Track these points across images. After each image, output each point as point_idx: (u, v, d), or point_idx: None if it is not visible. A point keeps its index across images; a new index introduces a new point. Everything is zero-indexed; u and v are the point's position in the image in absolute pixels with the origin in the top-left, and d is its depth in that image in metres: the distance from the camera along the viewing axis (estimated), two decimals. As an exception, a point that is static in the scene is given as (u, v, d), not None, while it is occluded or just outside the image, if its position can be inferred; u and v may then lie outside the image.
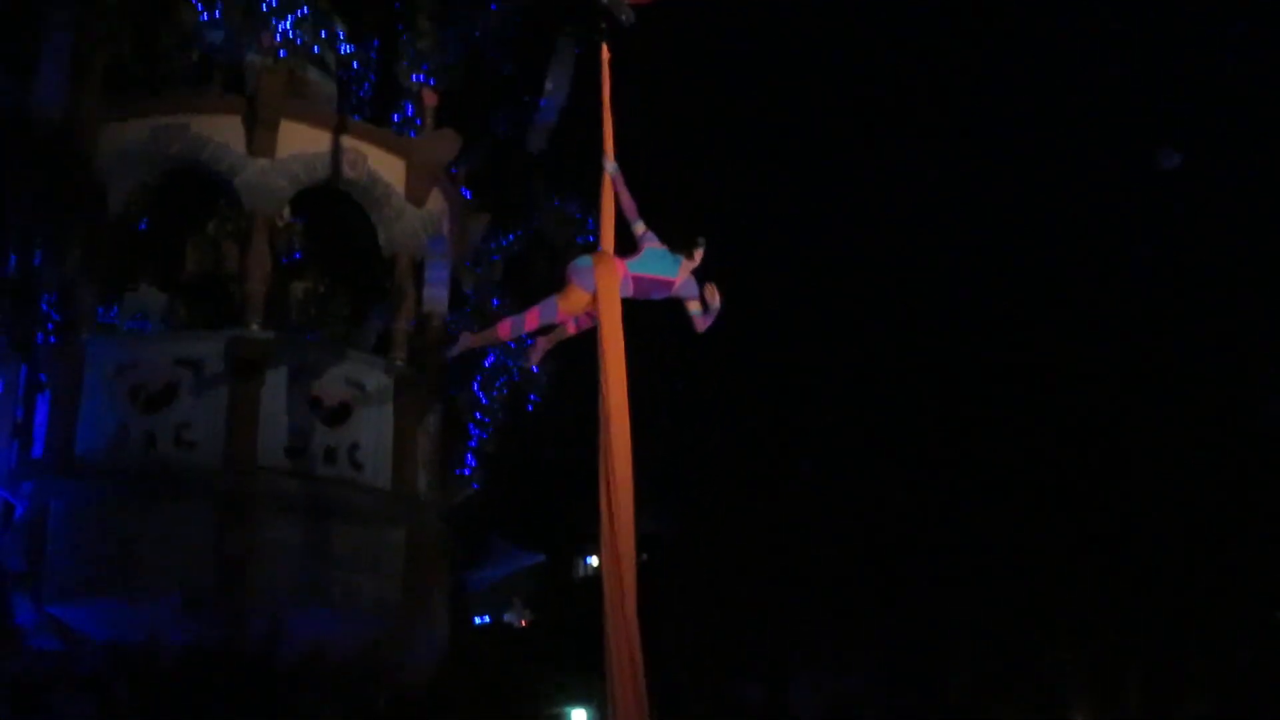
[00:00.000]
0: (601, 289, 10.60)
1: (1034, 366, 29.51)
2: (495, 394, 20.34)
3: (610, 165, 11.04)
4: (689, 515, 29.98)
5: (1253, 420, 28.69)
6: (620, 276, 10.72)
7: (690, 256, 10.97)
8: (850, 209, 29.98)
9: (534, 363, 12.07)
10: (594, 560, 30.78)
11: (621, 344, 10.52)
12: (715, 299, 10.96)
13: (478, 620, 28.54)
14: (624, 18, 15.94)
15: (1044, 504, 28.73)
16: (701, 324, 11.10)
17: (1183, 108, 27.53)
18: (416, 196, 17.74)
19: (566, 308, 10.83)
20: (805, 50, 29.14)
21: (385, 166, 17.59)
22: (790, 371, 30.36)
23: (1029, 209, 29.21)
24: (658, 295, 11.02)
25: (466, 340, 11.58)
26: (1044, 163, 29.04)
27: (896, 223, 29.92)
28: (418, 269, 17.89)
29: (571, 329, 11.14)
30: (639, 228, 10.99)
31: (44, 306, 16.75)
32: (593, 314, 10.75)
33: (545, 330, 11.23)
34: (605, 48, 11.74)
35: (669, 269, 10.93)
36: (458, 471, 19.28)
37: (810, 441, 30.24)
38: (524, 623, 30.56)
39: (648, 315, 11.51)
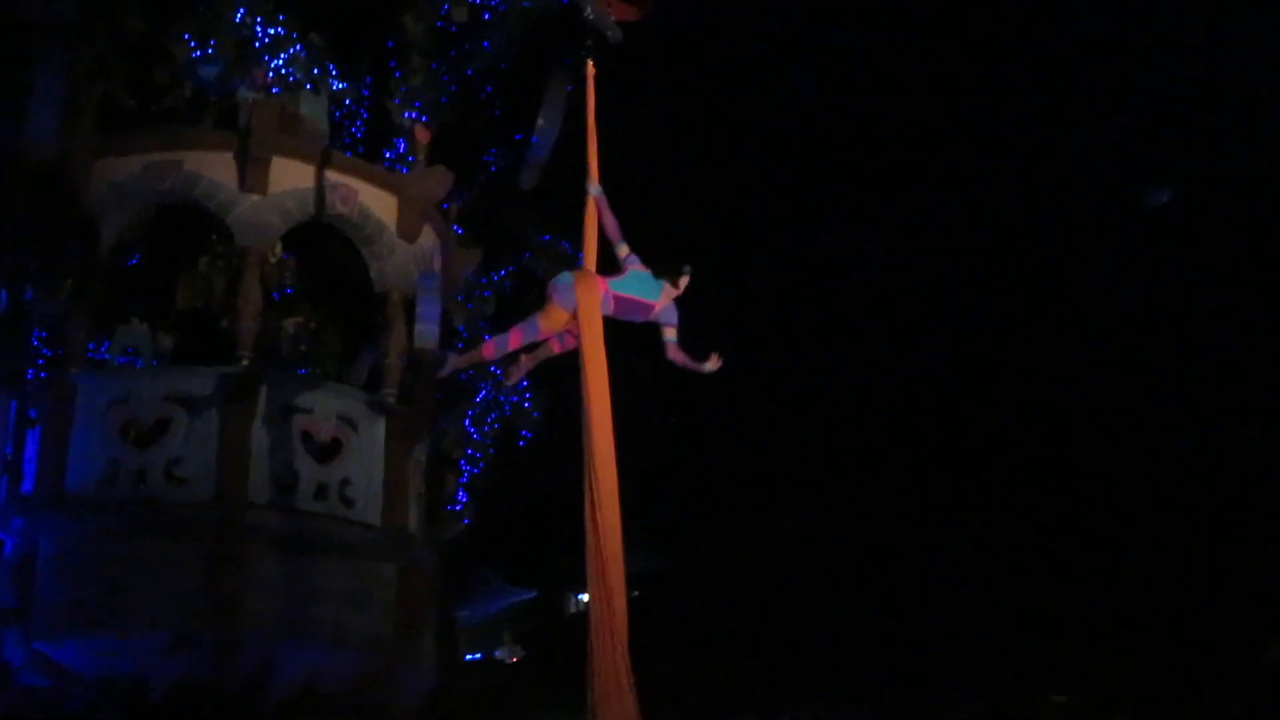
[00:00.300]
0: (582, 306, 10.57)
1: (1028, 409, 29.55)
2: (486, 429, 20.35)
3: (594, 187, 11.06)
4: (681, 551, 29.94)
5: (1239, 462, 28.72)
6: (601, 294, 10.70)
7: (675, 284, 10.98)
8: (842, 238, 30.04)
9: (514, 380, 11.93)
10: (585, 596, 30.56)
11: (603, 360, 10.49)
12: (714, 364, 10.95)
13: (468, 657, 28.46)
14: (610, 34, 16.00)
15: (1036, 548, 28.71)
16: (673, 353, 11.02)
17: (1173, 145, 27.63)
18: (408, 232, 17.76)
19: (547, 326, 10.81)
20: (795, 78, 29.23)
21: (377, 202, 17.61)
22: (783, 406, 30.38)
23: (1020, 237, 29.25)
24: (638, 318, 10.98)
25: (453, 362, 11.64)
26: (1037, 192, 29.08)
27: (887, 250, 29.97)
28: (409, 305, 17.91)
29: (556, 348, 11.07)
30: (622, 250, 10.99)
31: (34, 341, 16.74)
32: (575, 333, 10.71)
33: (529, 349, 11.19)
34: (591, 64, 11.72)
35: (651, 292, 10.93)
36: (448, 507, 19.26)
37: (802, 476, 30.22)
38: (515, 659, 30.46)
39: (637, 350, 11.53)
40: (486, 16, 19.07)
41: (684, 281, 11.00)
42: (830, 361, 29.89)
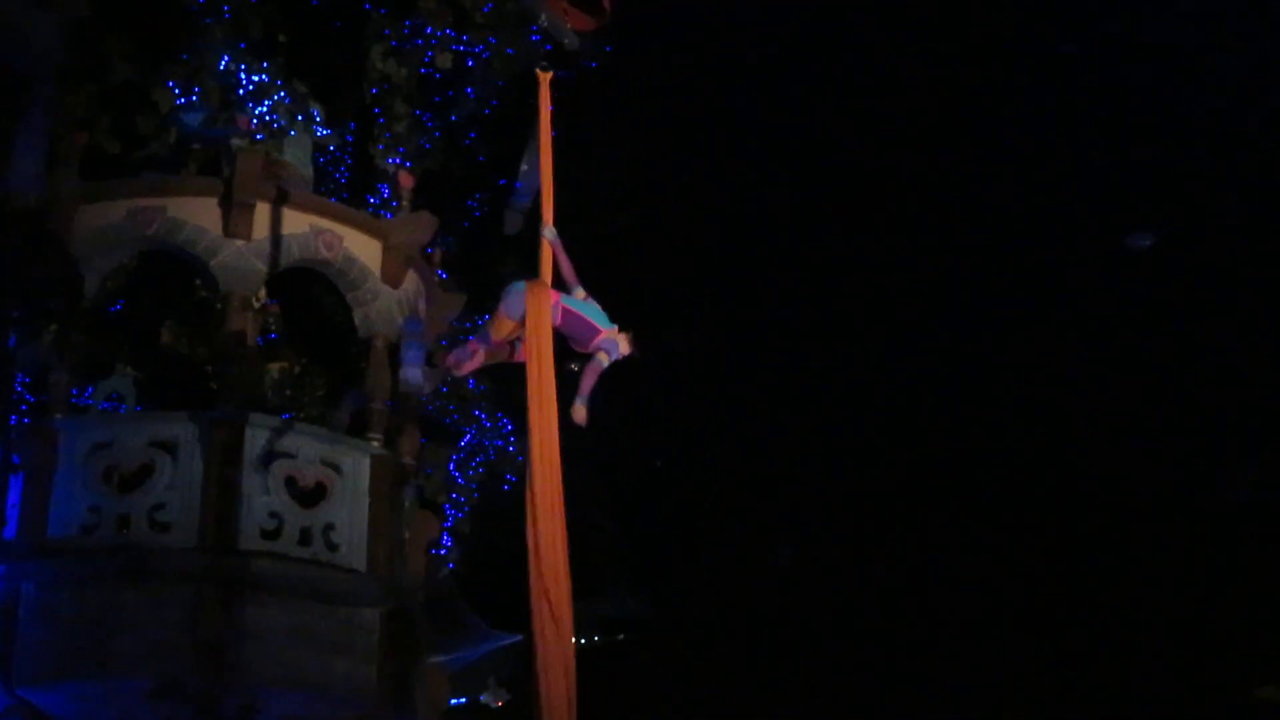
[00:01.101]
0: (531, 311, 10.54)
1: (1017, 459, 29.58)
2: (471, 474, 20.37)
3: (549, 231, 11.04)
4: (667, 595, 29.91)
5: (1232, 499, 28.78)
6: (552, 303, 10.70)
7: (626, 340, 10.96)
8: (825, 271, 30.03)
9: (464, 370, 11.84)
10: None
11: (550, 366, 10.39)
12: (627, 349, 10.94)
13: (454, 701, 28.33)
14: (567, 41, 16.05)
15: (1028, 594, 28.77)
16: (594, 368, 10.89)
17: (1156, 188, 27.73)
18: (392, 278, 17.78)
19: (495, 334, 10.88)
20: (766, 120, 29.26)
21: (361, 248, 17.63)
22: (767, 448, 30.37)
23: (1016, 253, 29.25)
24: (583, 338, 10.93)
25: (418, 375, 11.70)
26: (1032, 203, 29.04)
27: (876, 278, 29.97)
28: (393, 350, 17.93)
29: (510, 356, 11.03)
30: (579, 294, 11.02)
31: (18, 387, 16.74)
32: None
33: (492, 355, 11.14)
34: (543, 74, 11.64)
35: (602, 321, 10.94)
36: (433, 552, 19.25)
37: (789, 518, 30.22)
38: (500, 703, 30.32)
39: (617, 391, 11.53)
40: (470, 64, 19.20)
41: (627, 343, 10.95)
42: (819, 404, 29.89)
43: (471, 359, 11.28)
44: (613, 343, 10.97)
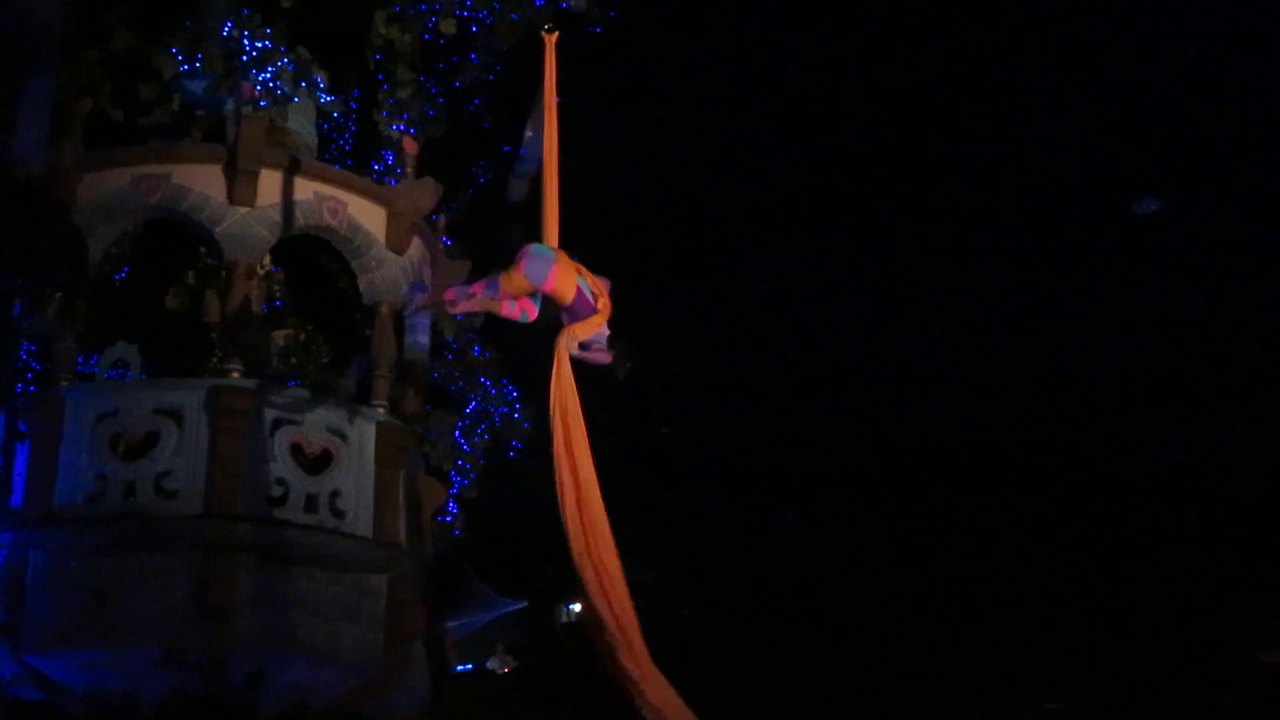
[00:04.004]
0: (560, 281, 10.40)
1: (1022, 428, 29.60)
2: (476, 440, 20.37)
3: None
4: (677, 563, 29.96)
5: (1235, 466, 28.81)
6: (575, 279, 10.54)
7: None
8: (830, 258, 30.06)
9: (457, 309, 11.66)
10: (576, 606, 30.75)
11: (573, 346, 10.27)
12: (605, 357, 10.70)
13: (460, 668, 28.45)
14: (573, 4, 15.93)
15: (1032, 560, 28.78)
16: (597, 353, 10.66)
17: (1164, 148, 27.67)
18: (397, 245, 17.76)
19: (507, 289, 10.60)
20: (772, 88, 29.23)
21: (366, 215, 17.60)
22: (775, 417, 30.40)
23: (1002, 251, 29.32)
24: (576, 311, 10.65)
25: (418, 300, 11.77)
26: (1029, 197, 29.10)
27: (879, 262, 30.00)
28: (399, 317, 17.93)
29: (506, 311, 10.83)
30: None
31: (23, 356, 16.75)
32: (526, 308, 10.65)
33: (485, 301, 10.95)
34: (548, 36, 11.44)
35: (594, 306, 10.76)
36: (439, 519, 19.27)
37: (796, 488, 30.27)
38: (506, 669, 30.45)
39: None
40: (474, 29, 19.13)
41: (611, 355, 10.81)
42: (825, 372, 29.92)
43: (469, 301, 10.97)
44: (601, 336, 10.60)
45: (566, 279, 10.51)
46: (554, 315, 10.74)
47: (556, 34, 11.50)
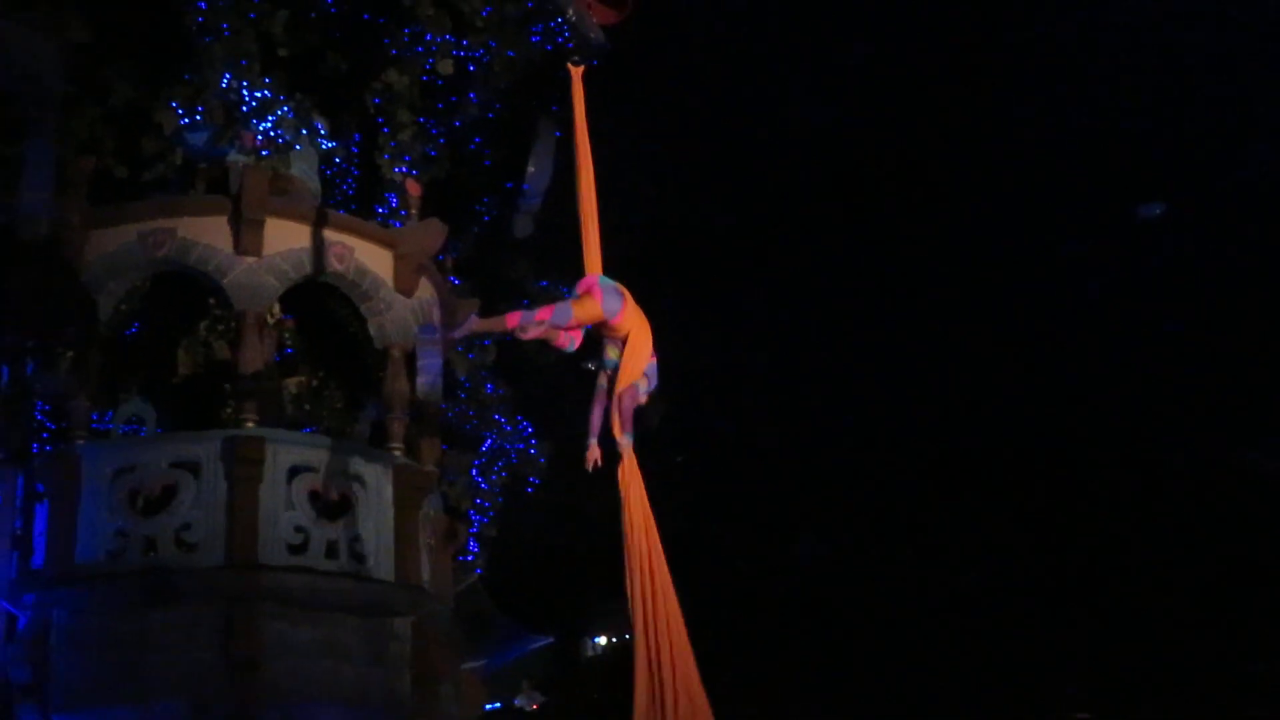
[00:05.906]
0: (629, 317, 10.42)
1: (1029, 436, 29.55)
2: (494, 478, 20.36)
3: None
4: (688, 588, 29.86)
5: (1229, 475, 28.73)
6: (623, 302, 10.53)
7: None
8: (841, 270, 30.06)
9: (527, 336, 10.90)
10: (601, 640, 30.69)
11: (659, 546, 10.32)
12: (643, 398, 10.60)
13: (488, 706, 28.37)
14: (594, 36, 15.96)
15: (1053, 569, 28.71)
16: (630, 402, 10.54)
17: (1167, 154, 27.66)
18: (405, 287, 17.78)
19: (580, 315, 10.50)
20: (776, 106, 29.28)
21: (373, 259, 17.62)
22: (791, 439, 30.37)
23: (1004, 261, 29.30)
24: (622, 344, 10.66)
25: (473, 323, 11.39)
26: (1033, 203, 29.08)
27: (890, 280, 30.00)
28: (410, 358, 17.93)
29: (561, 341, 10.75)
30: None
31: (38, 415, 16.75)
32: (575, 337, 10.60)
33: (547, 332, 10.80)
34: (575, 68, 11.51)
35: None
36: (460, 558, 19.24)
37: (814, 508, 30.22)
38: (535, 706, 30.36)
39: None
40: (472, 68, 19.17)
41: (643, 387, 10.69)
42: (837, 389, 29.91)
43: (537, 328, 10.67)
44: (654, 368, 10.66)
45: (633, 313, 10.53)
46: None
47: (583, 66, 11.52)
